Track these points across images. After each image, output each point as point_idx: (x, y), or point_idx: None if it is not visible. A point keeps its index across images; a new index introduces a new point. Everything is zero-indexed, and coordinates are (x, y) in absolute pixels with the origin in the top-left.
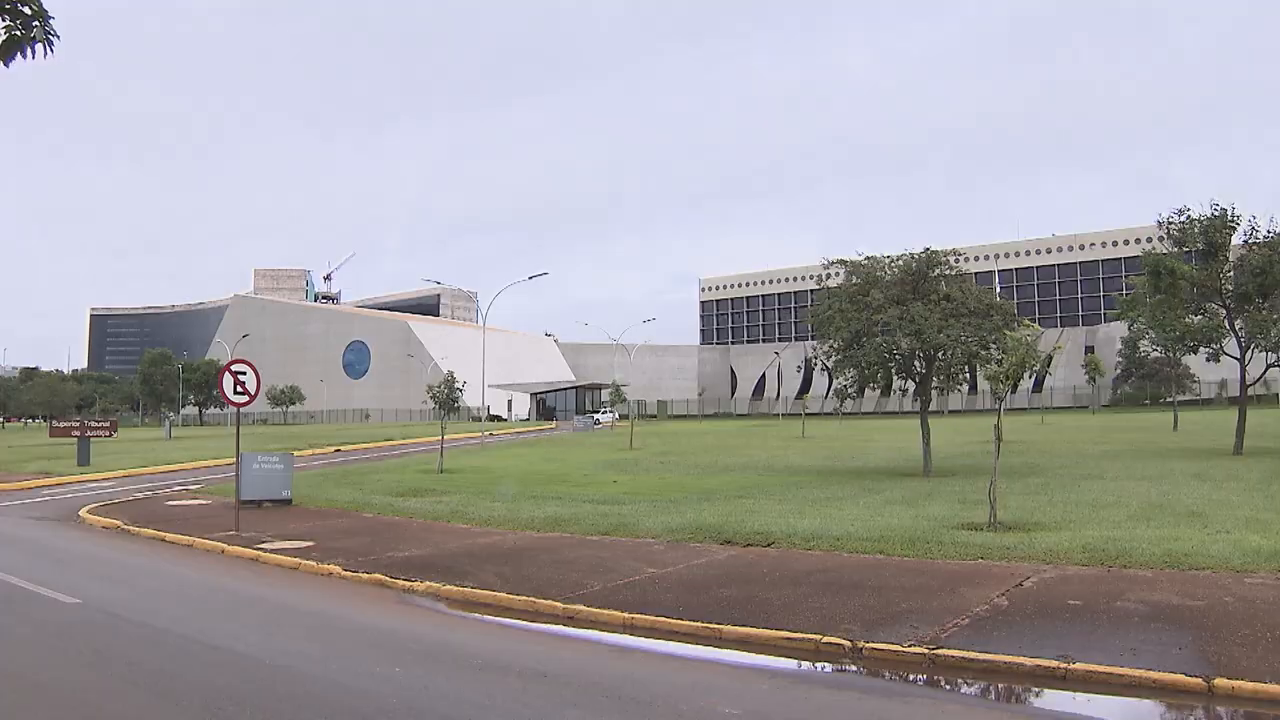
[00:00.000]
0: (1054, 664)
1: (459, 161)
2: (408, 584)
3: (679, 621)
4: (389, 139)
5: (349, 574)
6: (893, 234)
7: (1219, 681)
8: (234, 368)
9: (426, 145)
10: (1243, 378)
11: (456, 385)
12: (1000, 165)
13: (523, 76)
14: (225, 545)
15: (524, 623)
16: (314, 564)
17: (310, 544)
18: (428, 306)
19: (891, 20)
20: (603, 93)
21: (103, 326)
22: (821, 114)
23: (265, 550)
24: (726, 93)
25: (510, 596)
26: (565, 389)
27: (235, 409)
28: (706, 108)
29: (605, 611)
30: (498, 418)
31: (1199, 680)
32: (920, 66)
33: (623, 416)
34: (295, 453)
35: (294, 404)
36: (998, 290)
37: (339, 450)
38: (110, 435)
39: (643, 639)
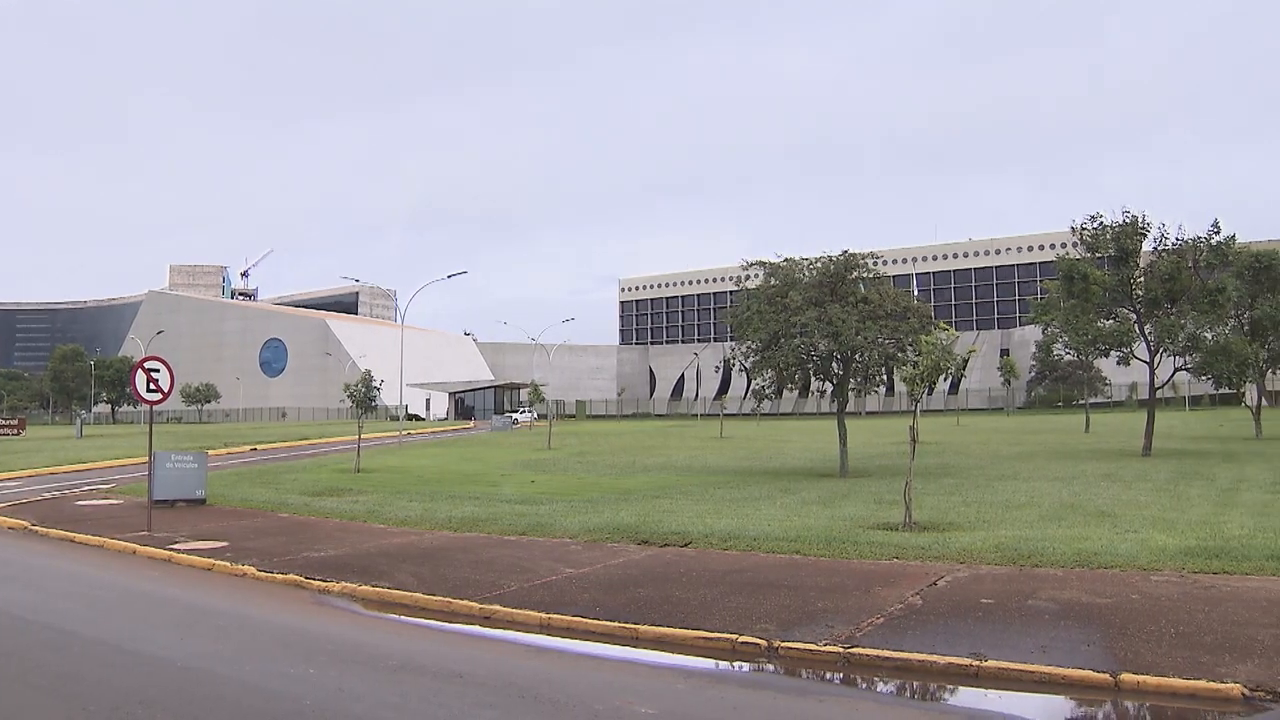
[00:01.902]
0: (967, 662)
1: (383, 157)
2: (323, 584)
3: (596, 621)
4: (311, 134)
5: (264, 574)
6: (820, 235)
7: (1125, 677)
8: (147, 365)
9: (350, 140)
10: (1151, 381)
11: (374, 384)
12: (926, 169)
13: (450, 72)
14: (137, 546)
15: (440, 623)
16: (228, 564)
17: (224, 544)
18: (346, 304)
19: (825, 22)
20: (532, 89)
21: (10, 321)
22: (753, 114)
23: (178, 551)
24: (660, 91)
25: (426, 597)
26: (484, 388)
27: (148, 407)
28: (639, 106)
29: (522, 611)
30: (416, 417)
31: (1106, 676)
32: (853, 69)
33: (541, 416)
34: (210, 452)
35: (209, 402)
36: (915, 293)
37: (255, 449)
38: (18, 434)
39: (559, 639)
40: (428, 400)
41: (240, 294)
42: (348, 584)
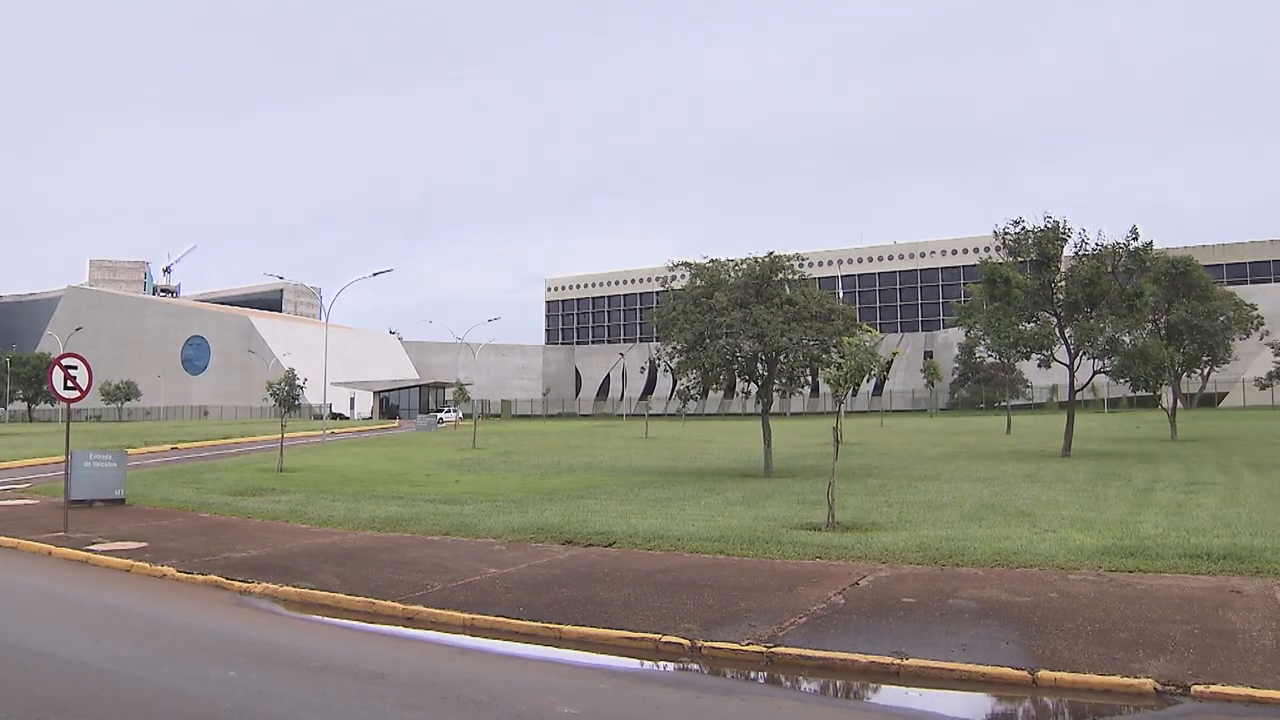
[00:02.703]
0: (888, 660)
1: (312, 152)
2: (244, 585)
3: (519, 622)
4: (238, 127)
5: (184, 575)
6: (749, 236)
7: (1043, 673)
8: (64, 361)
9: (278, 134)
10: (1071, 383)
11: (298, 382)
12: (855, 172)
13: (380, 67)
14: (53, 547)
15: (363, 624)
16: (147, 565)
17: (143, 545)
18: (270, 302)
19: (756, 24)
20: (462, 86)
21: None
22: (684, 114)
23: (95, 552)
24: (591, 90)
25: (349, 597)
26: (409, 387)
27: (66, 405)
28: (570, 105)
29: (445, 612)
30: (340, 416)
31: (1024, 673)
32: (785, 71)
33: (466, 416)
34: (130, 450)
35: (129, 400)
36: (841, 295)
37: (176, 448)
38: None
39: (483, 639)
40: (352, 399)
41: (162, 290)
42: (269, 585)
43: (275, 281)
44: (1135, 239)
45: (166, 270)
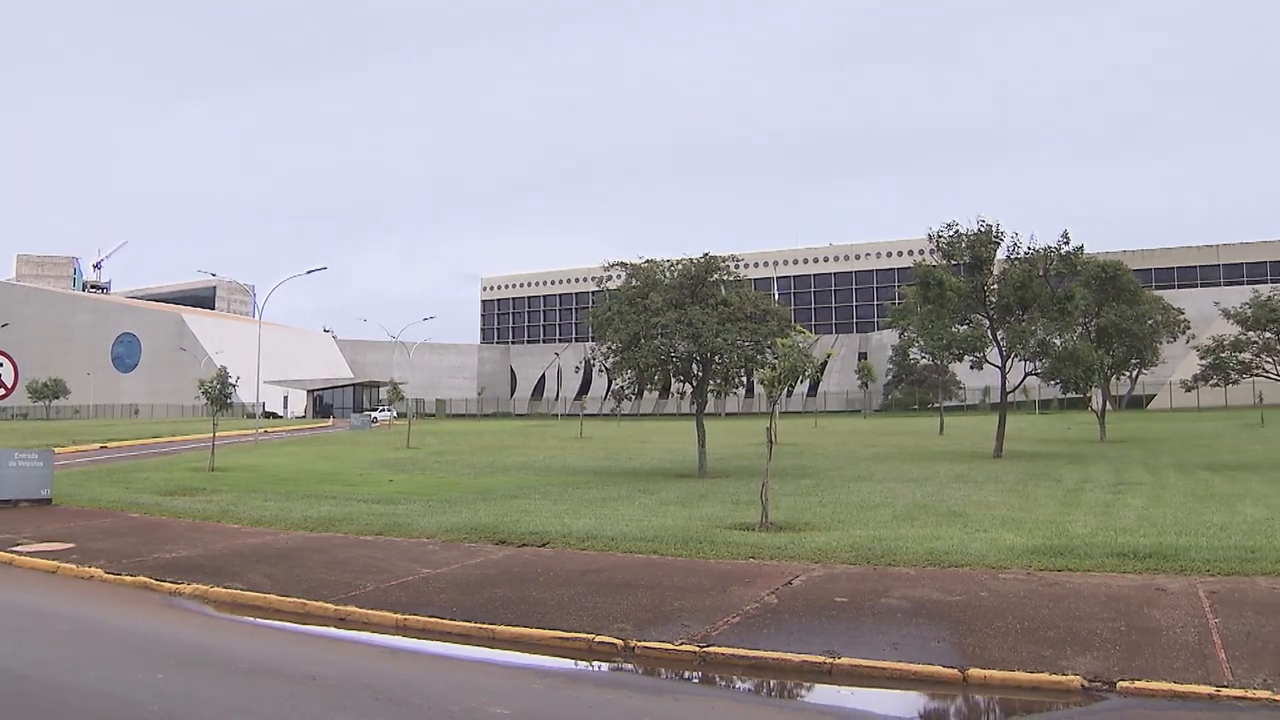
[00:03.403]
0: (820, 659)
1: (248, 147)
2: (174, 586)
3: (452, 622)
4: (173, 120)
5: (112, 576)
6: (686, 237)
7: (973, 671)
8: None
9: (213, 128)
10: (1003, 385)
11: (230, 381)
12: (794, 174)
13: (320, 61)
14: None
15: (294, 625)
16: (74, 566)
17: (70, 545)
18: (203, 299)
19: (695, 25)
20: (403, 83)
21: None
22: (622, 114)
23: (20, 553)
24: (531, 89)
25: (280, 598)
26: (343, 386)
27: None
28: (510, 103)
29: (378, 613)
30: (273, 415)
31: (955, 671)
32: (724, 72)
33: (401, 415)
34: (57, 449)
35: (58, 398)
36: (776, 296)
37: (105, 447)
38: None
39: (416, 640)
40: (285, 398)
41: (92, 286)
42: (199, 586)
43: (208, 278)
44: (1066, 243)
45: (97, 266)
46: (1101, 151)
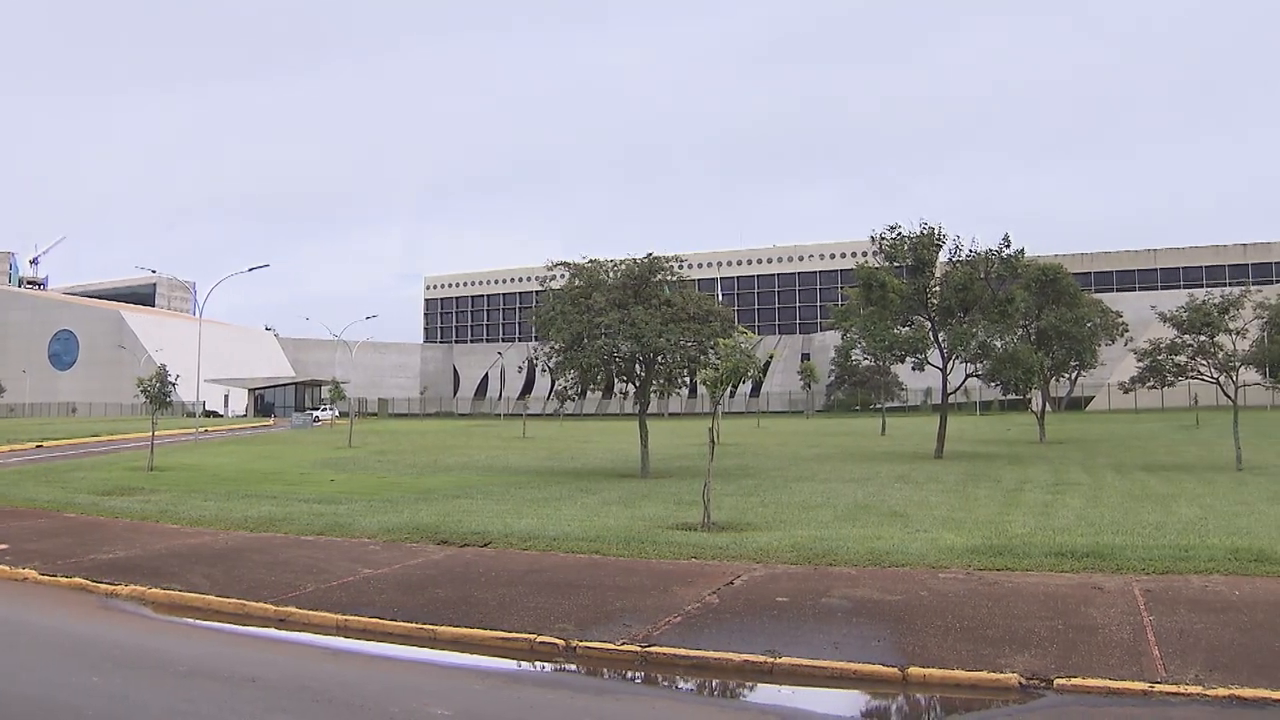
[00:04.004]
0: (761, 659)
1: (190, 142)
2: (111, 588)
3: (393, 623)
4: (114, 113)
5: (47, 578)
6: (632, 237)
7: (913, 670)
8: None
9: (154, 123)
10: (944, 386)
11: (170, 379)
12: (741, 174)
13: (265, 56)
14: None
15: (234, 626)
16: (7, 568)
17: (4, 546)
18: (143, 296)
19: (645, 24)
20: (354, 79)
21: None
22: (568, 113)
23: None
24: (477, 87)
25: (220, 599)
26: (285, 385)
27: None
28: (455, 101)
29: (318, 613)
30: (214, 413)
31: (895, 670)
32: (675, 72)
33: (343, 414)
34: None
35: None
36: (720, 297)
37: (41, 446)
38: None
39: (356, 641)
40: (226, 396)
41: (29, 282)
42: (137, 587)
43: (148, 275)
44: (1007, 246)
45: (34, 262)
46: (1046, 155)
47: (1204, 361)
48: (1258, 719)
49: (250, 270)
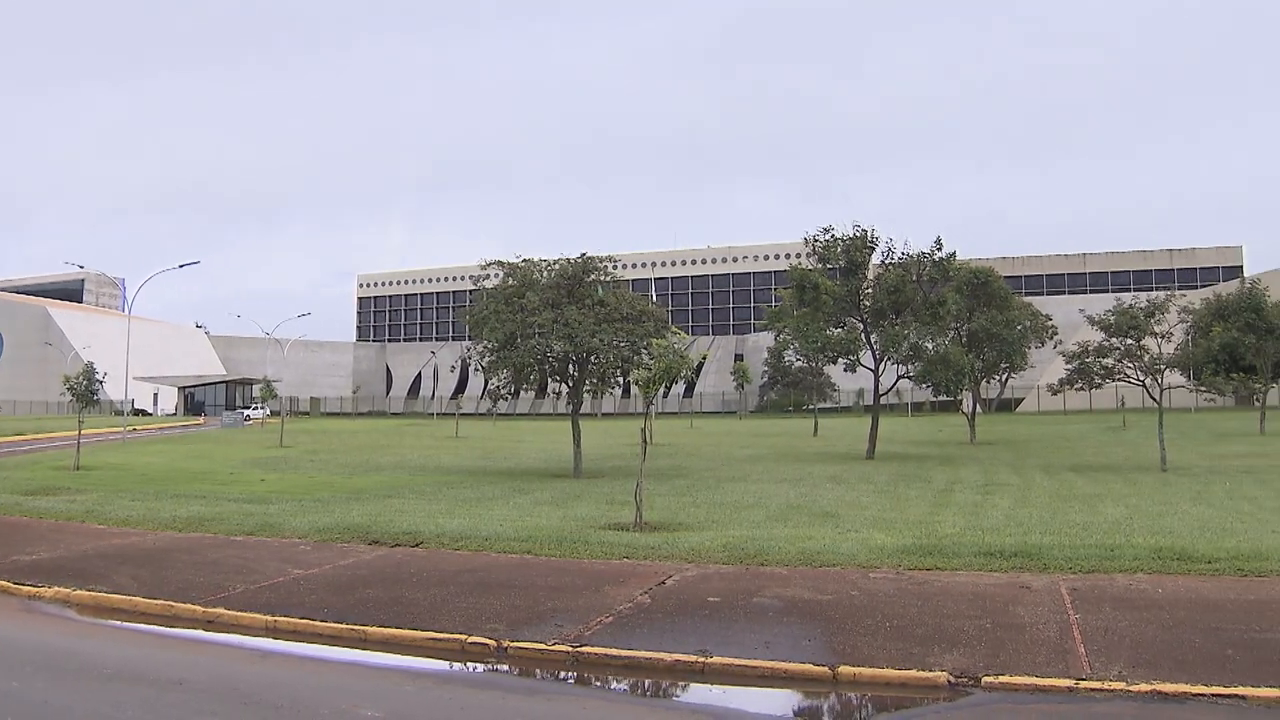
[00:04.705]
0: (693, 658)
1: (120, 135)
2: (34, 590)
3: (324, 624)
4: (39, 105)
5: None
6: (571, 237)
7: (843, 669)
8: None
9: (84, 115)
10: (876, 387)
11: (97, 377)
12: (686, 174)
13: (203, 47)
14: None
15: (161, 628)
16: None
17: None
18: (71, 292)
19: (588, 24)
20: (291, 74)
21: None
22: (506, 112)
23: None
24: (418, 85)
25: (147, 601)
26: (215, 383)
27: None
28: (395, 99)
29: (247, 614)
30: (143, 412)
31: (825, 669)
32: (615, 73)
33: (274, 413)
34: None
35: None
36: (653, 298)
37: None
38: None
39: (286, 642)
40: (155, 395)
41: None
42: (61, 589)
43: (76, 271)
44: (940, 249)
45: None
46: (990, 159)
47: (1130, 364)
48: (1178, 713)
49: (181, 267)
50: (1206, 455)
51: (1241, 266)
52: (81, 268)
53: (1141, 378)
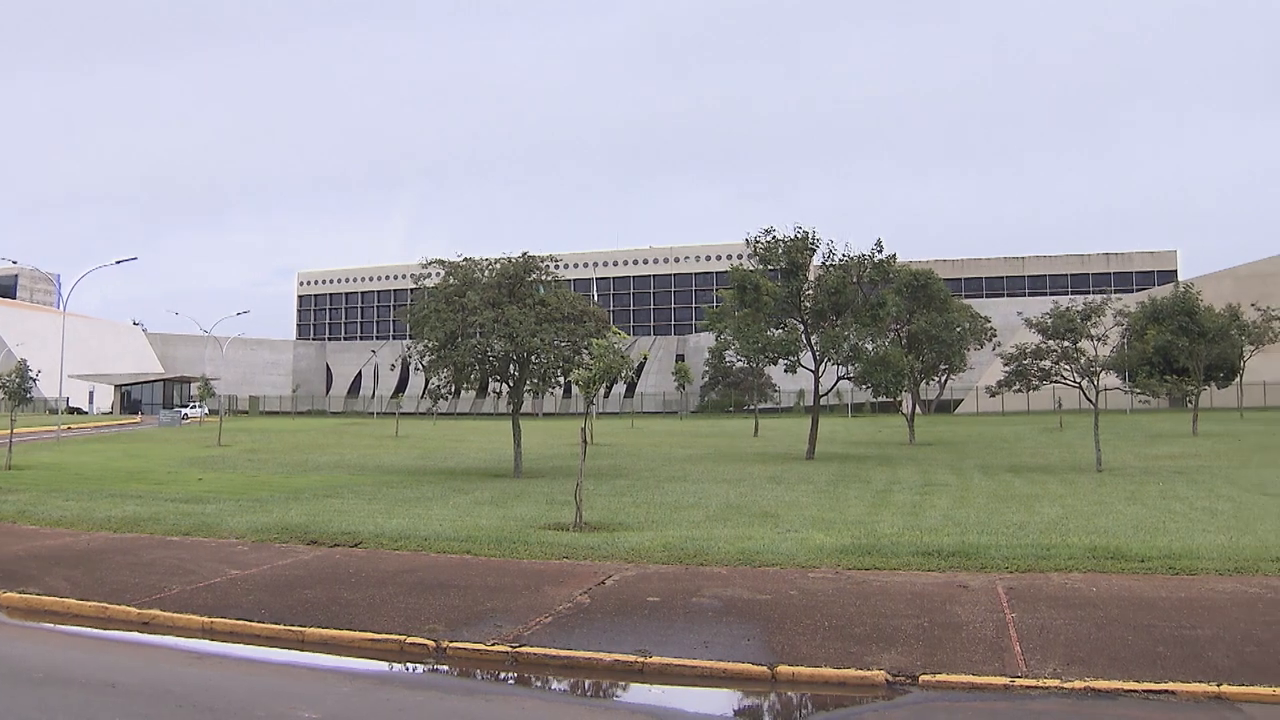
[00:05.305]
0: (632, 658)
1: (55, 127)
2: None
3: (261, 625)
4: None
5: None
6: (514, 236)
7: (781, 668)
8: None
9: (14, 106)
10: (816, 388)
11: (30, 374)
12: (630, 174)
13: (147, 37)
14: None
15: (95, 630)
16: None
17: None
18: (4, 288)
19: (537, 23)
20: (234, 67)
21: None
22: (452, 111)
23: None
24: (364, 81)
25: (80, 603)
26: (153, 381)
27: None
28: (349, 94)
29: (183, 616)
30: (78, 410)
31: (764, 669)
32: (563, 71)
33: (212, 411)
34: None
35: None
36: (595, 298)
37: None
38: None
39: (223, 644)
40: (91, 393)
41: None
42: None
43: (9, 266)
44: (880, 251)
45: None
46: (932, 163)
47: (1067, 366)
48: (1110, 708)
49: (117, 263)
50: (1141, 456)
51: (1176, 271)
52: (15, 263)
53: (1078, 380)
